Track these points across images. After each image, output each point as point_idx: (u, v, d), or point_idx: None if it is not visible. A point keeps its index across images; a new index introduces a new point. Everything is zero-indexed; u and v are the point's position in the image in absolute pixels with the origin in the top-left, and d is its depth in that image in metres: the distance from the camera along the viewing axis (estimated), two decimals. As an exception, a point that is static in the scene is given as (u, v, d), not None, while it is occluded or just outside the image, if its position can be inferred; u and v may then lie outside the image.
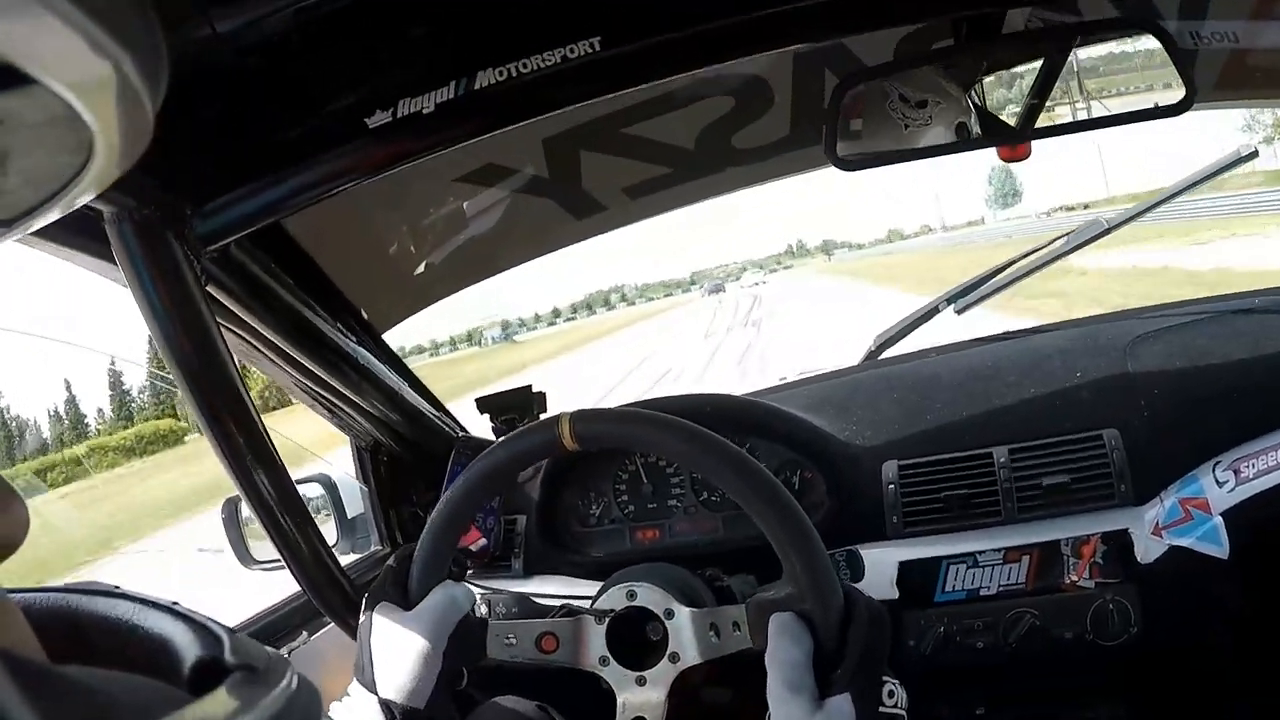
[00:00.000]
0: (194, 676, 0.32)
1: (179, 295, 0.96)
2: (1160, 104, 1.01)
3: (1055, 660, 1.27)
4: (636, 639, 0.92)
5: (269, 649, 0.34)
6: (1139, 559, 1.22)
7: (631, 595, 0.92)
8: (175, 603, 0.37)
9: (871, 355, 1.68)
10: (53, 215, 0.33)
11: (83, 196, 0.31)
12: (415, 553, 0.96)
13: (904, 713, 0.77)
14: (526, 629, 0.94)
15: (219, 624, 0.35)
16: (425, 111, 0.88)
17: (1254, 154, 1.51)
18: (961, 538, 1.27)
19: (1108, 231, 1.52)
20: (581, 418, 0.89)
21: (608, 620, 0.92)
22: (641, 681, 0.90)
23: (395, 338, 1.46)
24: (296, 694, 0.32)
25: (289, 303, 1.15)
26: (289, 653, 1.28)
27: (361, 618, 0.93)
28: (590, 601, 0.98)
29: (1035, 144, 1.02)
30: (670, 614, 0.90)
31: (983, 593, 1.26)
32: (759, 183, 1.21)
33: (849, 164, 0.98)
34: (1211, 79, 1.26)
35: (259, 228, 0.98)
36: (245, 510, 1.37)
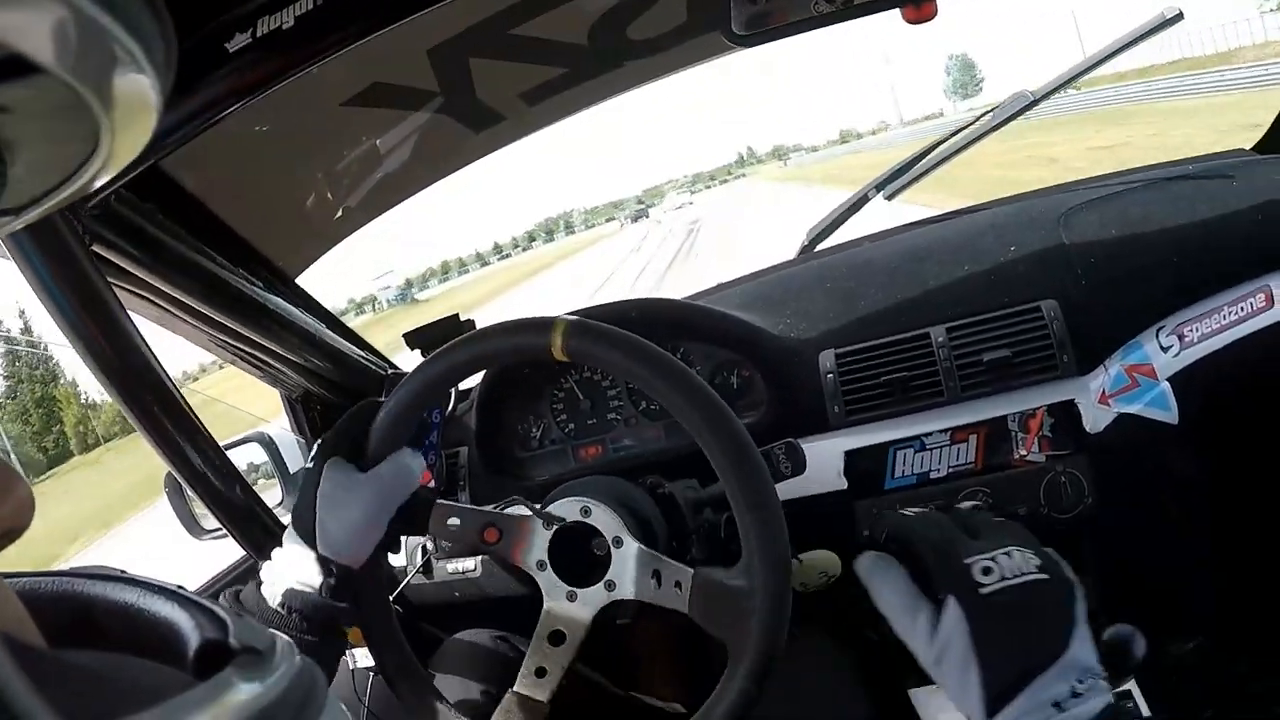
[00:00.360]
0: (199, 660, 0.33)
1: (63, 259, 0.91)
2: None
3: None
4: (577, 554, 0.90)
5: (274, 633, 0.35)
6: (1088, 429, 1.22)
7: (586, 511, 0.90)
8: (180, 587, 0.37)
9: (805, 249, 1.64)
10: (58, 203, 0.33)
11: (89, 185, 0.32)
12: (380, 413, 0.92)
13: (1019, 576, 0.67)
14: (472, 516, 0.91)
15: (223, 608, 0.35)
16: (285, 27, 0.81)
17: (1179, 16, 1.44)
18: (906, 421, 1.26)
19: (1033, 104, 1.47)
20: (579, 331, 0.84)
21: (555, 528, 0.90)
22: (572, 597, 0.89)
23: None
24: (300, 675, 0.33)
25: (187, 255, 1.09)
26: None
27: (309, 463, 0.91)
28: (542, 503, 0.95)
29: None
30: (619, 542, 0.88)
31: (933, 475, 1.25)
32: (660, 76, 1.14)
33: (746, 39, 0.93)
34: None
35: (135, 175, 0.92)
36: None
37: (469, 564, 1.35)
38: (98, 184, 0.32)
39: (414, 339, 1.38)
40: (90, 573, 0.38)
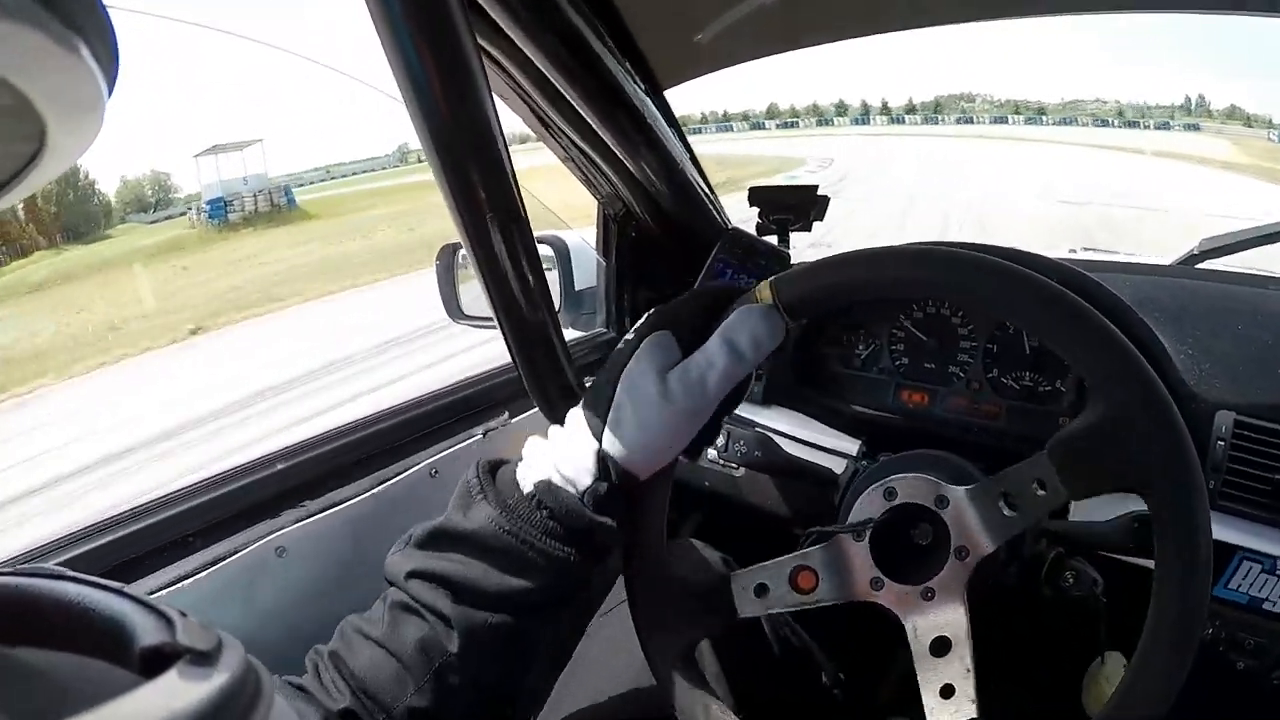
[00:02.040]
0: (145, 660, 0.34)
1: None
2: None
3: None
4: (908, 547, 0.74)
5: (219, 632, 0.35)
6: None
7: (890, 494, 0.73)
8: (124, 586, 0.38)
9: (1191, 259, 1.36)
10: (5, 204, 0.32)
11: (34, 185, 0.31)
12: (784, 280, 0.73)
13: None
14: (775, 570, 0.75)
15: (170, 608, 0.36)
16: None
17: None
18: (1272, 535, 1.01)
19: None
20: (782, 281, 0.70)
21: (869, 532, 0.73)
22: (929, 595, 0.72)
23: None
24: (244, 677, 0.33)
25: (573, 27, 0.96)
26: (485, 433, 1.22)
27: (627, 337, 0.73)
28: (836, 510, 0.82)
29: None
30: (943, 501, 0.71)
31: (1265, 606, 1.01)
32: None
33: None
34: None
35: None
36: (461, 262, 1.32)
37: (732, 466, 1.25)
38: (39, 185, 0.31)
39: (758, 196, 1.29)
40: (36, 570, 0.39)
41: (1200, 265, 1.37)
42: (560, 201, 1.40)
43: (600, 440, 0.69)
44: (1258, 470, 1.02)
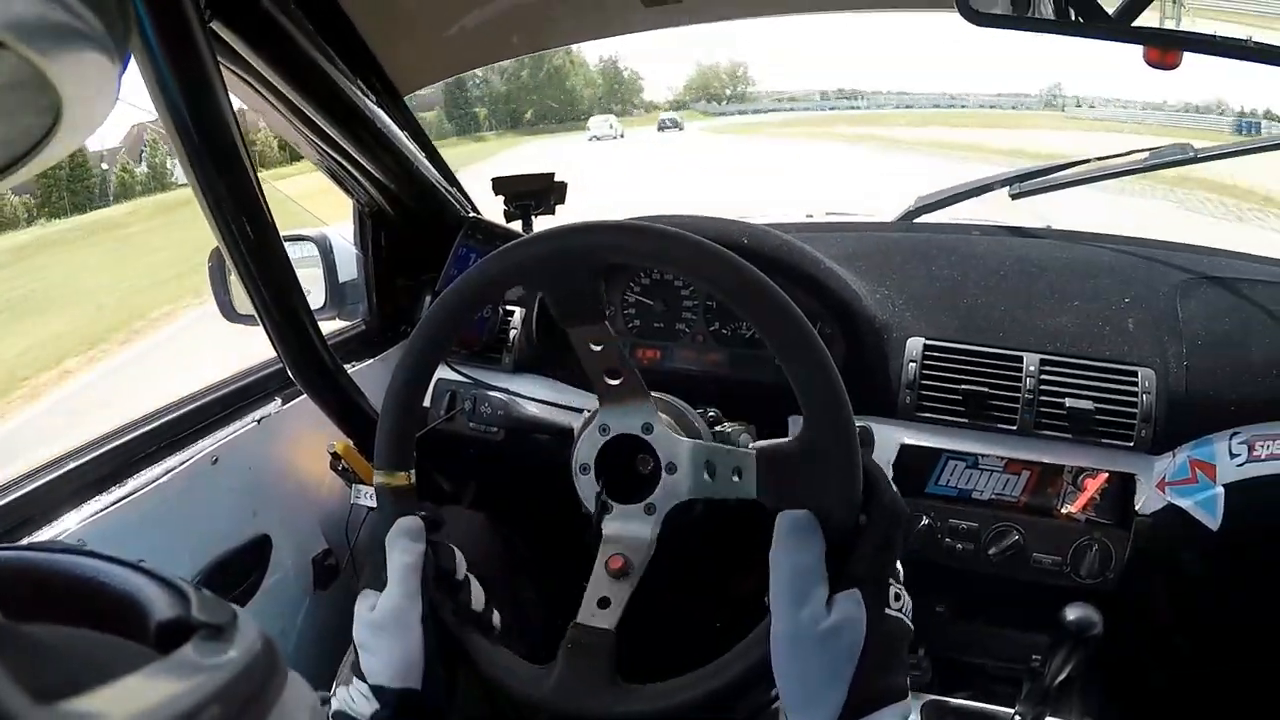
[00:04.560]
0: (160, 634, 0.33)
1: (175, 26, 0.91)
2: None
3: (1026, 584, 1.31)
4: (627, 468, 0.88)
5: (234, 606, 0.35)
6: (1137, 508, 1.26)
7: (604, 430, 0.88)
8: (141, 561, 0.38)
9: (909, 216, 1.64)
10: (17, 179, 0.33)
11: (50, 159, 0.32)
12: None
13: (909, 619, 0.74)
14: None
15: (185, 582, 0.36)
16: None
17: None
18: (968, 435, 1.29)
19: (1192, 160, 1.47)
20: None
21: (593, 468, 0.88)
22: (650, 510, 0.86)
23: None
24: (260, 652, 0.33)
25: (305, 48, 1.10)
26: (260, 420, 1.32)
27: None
28: (582, 413, 0.94)
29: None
30: (649, 428, 0.86)
31: (975, 495, 1.30)
32: (864, 8, 1.15)
33: (980, 18, 0.93)
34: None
35: None
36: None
37: (493, 428, 1.40)
38: (55, 159, 0.33)
39: (501, 185, 1.40)
40: (50, 545, 0.41)
41: (918, 220, 1.64)
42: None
43: (366, 680, 0.82)
44: (947, 383, 1.30)
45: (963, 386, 1.29)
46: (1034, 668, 1.17)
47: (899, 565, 0.75)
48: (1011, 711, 1.21)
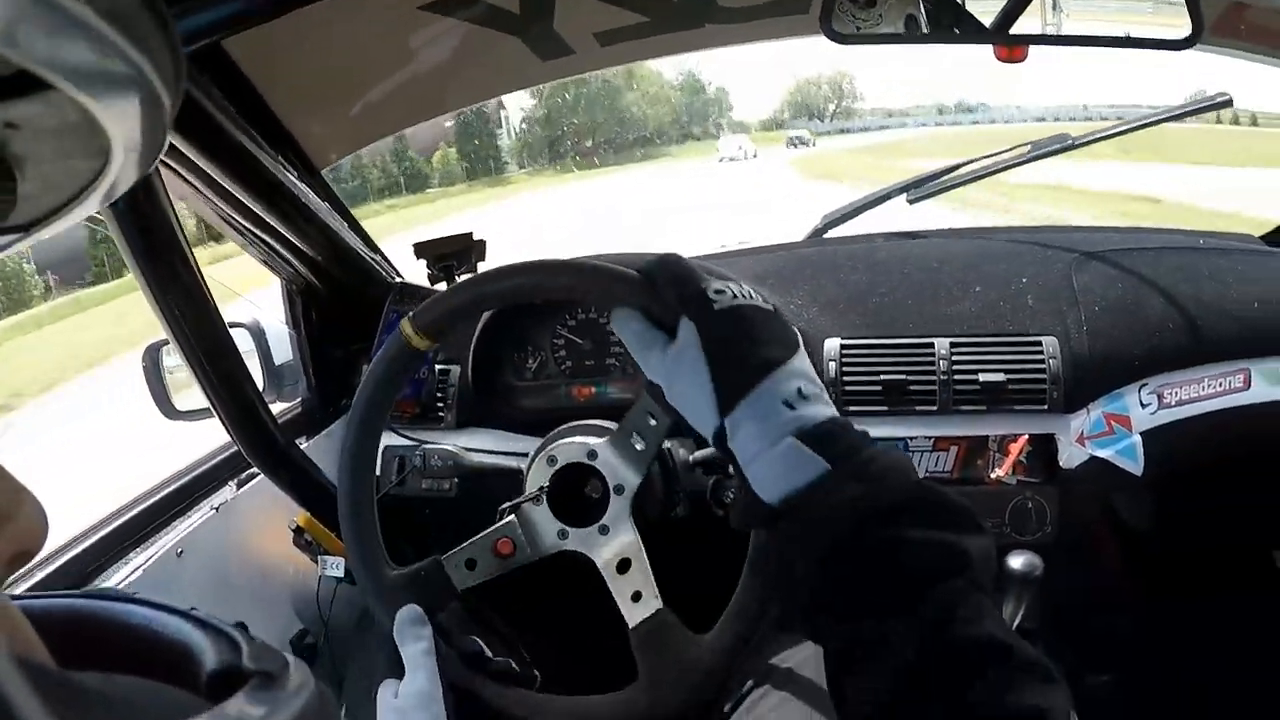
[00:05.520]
0: (212, 683, 0.34)
1: None
2: (1164, 36, 1.07)
3: None
4: (580, 500, 0.95)
5: (288, 655, 0.36)
6: (1061, 464, 1.37)
7: (552, 461, 0.96)
8: (193, 609, 0.39)
9: (817, 233, 1.77)
10: (71, 220, 0.35)
11: (102, 200, 0.34)
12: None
13: (744, 298, 0.76)
14: (479, 545, 0.95)
15: (237, 630, 0.37)
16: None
17: (1229, 101, 1.59)
18: (894, 422, 1.39)
19: (1071, 147, 1.61)
20: (417, 315, 0.87)
21: (545, 496, 0.95)
22: (605, 531, 0.93)
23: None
24: (312, 700, 0.34)
25: (227, 128, 1.15)
26: (218, 507, 1.34)
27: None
28: (545, 440, 1.01)
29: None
30: (594, 454, 0.94)
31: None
32: (737, 43, 1.25)
33: (844, 38, 1.04)
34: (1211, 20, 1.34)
35: (202, 45, 0.95)
36: (166, 358, 1.43)
37: (445, 484, 1.45)
38: (106, 201, 0.34)
39: (421, 249, 1.41)
40: (102, 593, 0.40)
41: (827, 235, 1.77)
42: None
43: None
44: (866, 377, 1.40)
45: (881, 377, 1.39)
46: None
47: (709, 282, 0.75)
48: None
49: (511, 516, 0.96)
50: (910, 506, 0.64)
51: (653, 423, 0.90)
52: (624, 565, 0.92)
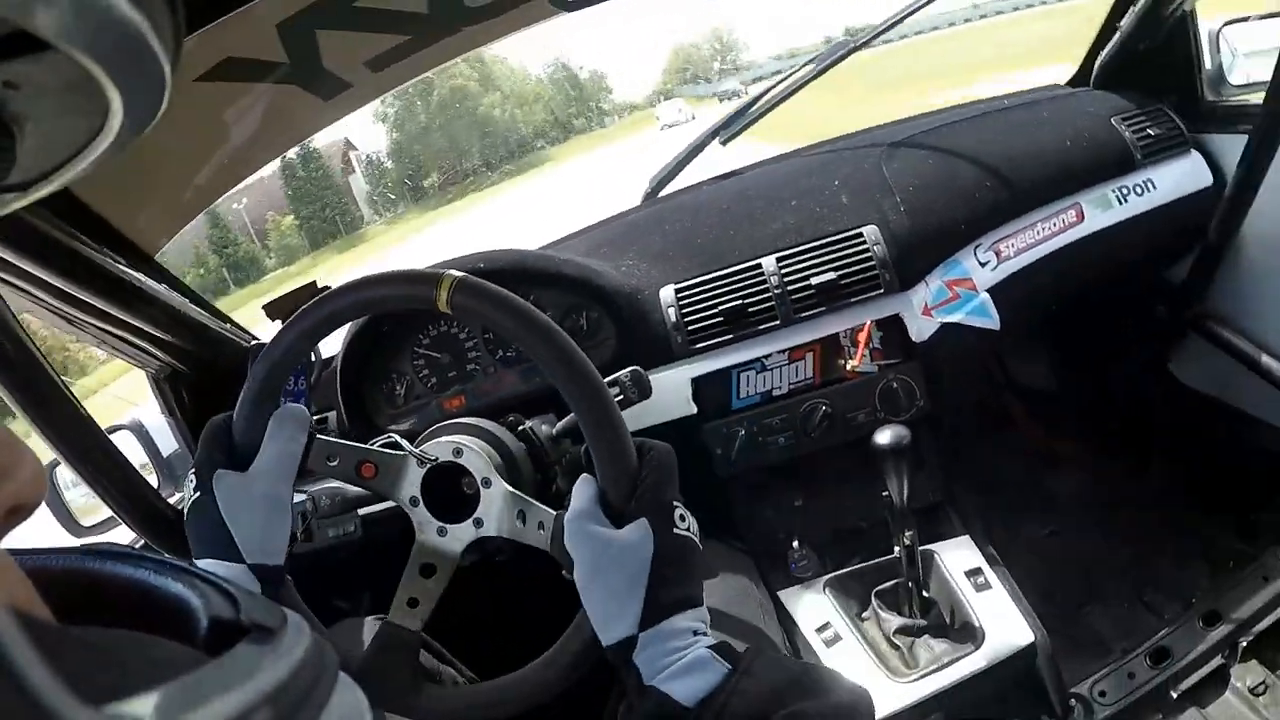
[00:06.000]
0: (210, 637, 0.35)
1: None
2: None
3: (854, 444, 1.48)
4: (448, 490, 1.00)
5: (284, 609, 0.37)
6: (914, 339, 1.46)
7: (458, 452, 0.99)
8: (191, 564, 0.40)
9: (649, 195, 1.86)
10: (68, 178, 0.36)
11: (98, 159, 0.34)
12: (247, 384, 0.97)
13: (695, 536, 0.86)
14: (349, 452, 0.99)
15: (235, 585, 0.37)
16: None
17: None
18: (746, 346, 1.48)
19: (854, 49, 1.70)
20: (465, 287, 0.91)
21: (428, 467, 0.99)
22: (443, 532, 0.98)
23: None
24: (311, 652, 0.34)
25: (57, 237, 1.19)
26: None
27: (191, 493, 0.93)
28: (415, 443, 1.03)
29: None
30: (488, 483, 0.98)
31: (775, 393, 1.48)
32: (495, 39, 1.33)
33: (570, 5, 1.14)
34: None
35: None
36: (60, 481, 1.45)
37: (349, 526, 1.47)
38: (105, 158, 0.34)
39: (273, 310, 1.43)
40: (100, 549, 0.40)
41: (659, 195, 1.86)
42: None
43: (244, 559, 0.90)
44: (705, 311, 1.49)
45: (720, 308, 1.47)
46: (886, 501, 1.32)
47: (678, 498, 0.87)
48: (895, 552, 1.36)
49: (392, 450, 1.01)
50: (797, 684, 0.76)
51: (539, 532, 0.95)
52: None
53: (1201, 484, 1.93)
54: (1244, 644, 1.61)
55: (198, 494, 0.92)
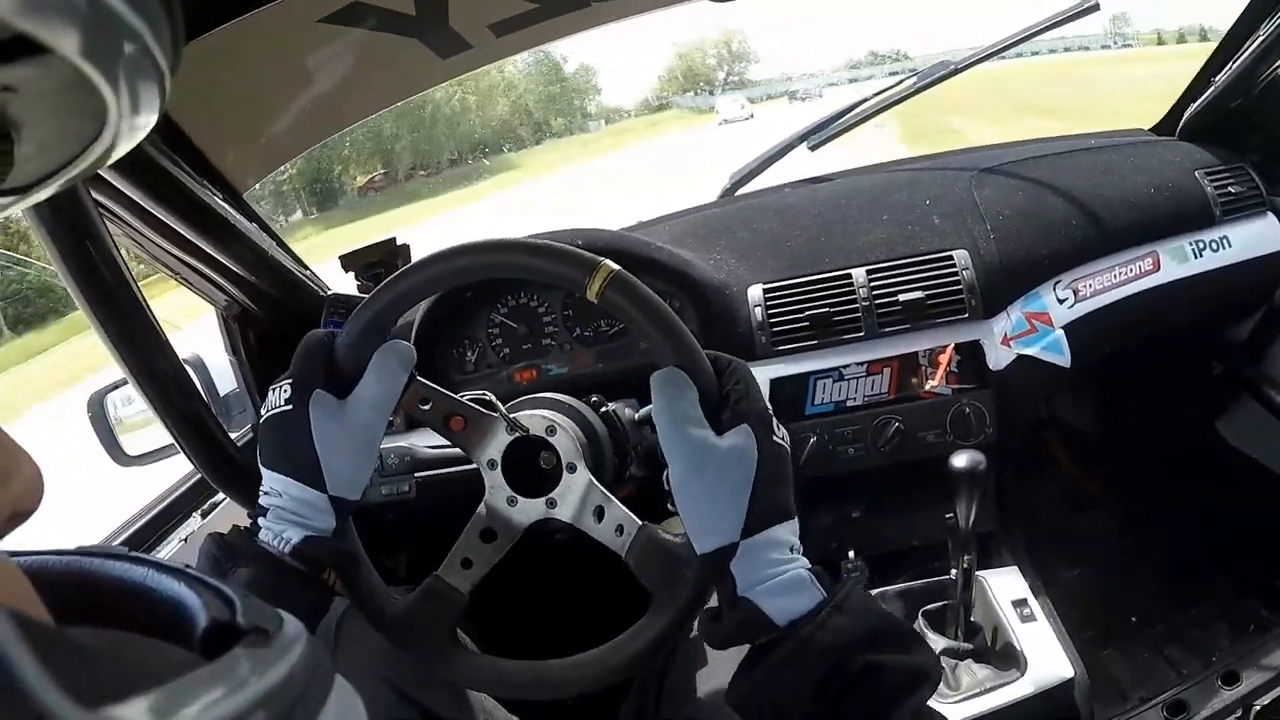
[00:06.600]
0: (207, 639, 0.35)
1: None
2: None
3: (921, 463, 1.50)
4: (526, 462, 0.97)
5: (282, 612, 0.37)
6: (991, 366, 1.48)
7: (551, 430, 0.96)
8: (188, 566, 0.39)
9: (727, 192, 1.88)
10: (66, 182, 0.35)
11: (98, 163, 0.34)
12: (360, 310, 0.93)
13: (789, 445, 0.85)
14: (444, 400, 0.97)
15: (232, 588, 0.37)
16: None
17: (1095, 6, 1.67)
18: (826, 354, 1.49)
19: (954, 72, 1.72)
20: (621, 284, 0.87)
21: (516, 435, 0.96)
22: (513, 502, 0.96)
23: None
24: (307, 656, 0.34)
25: (158, 162, 1.19)
26: (186, 539, 1.38)
27: (284, 406, 0.88)
28: (509, 410, 1.00)
29: None
30: (572, 468, 0.95)
31: (849, 403, 1.50)
32: (626, 17, 1.33)
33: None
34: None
35: None
36: (111, 407, 1.46)
37: (404, 486, 1.48)
38: (108, 161, 0.34)
39: (348, 261, 1.47)
40: (97, 550, 0.40)
41: (737, 193, 1.89)
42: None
43: (327, 490, 0.87)
44: (791, 314, 1.50)
45: (806, 313, 1.49)
46: (950, 524, 1.33)
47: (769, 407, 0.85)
48: (951, 575, 1.37)
49: (486, 409, 0.98)
50: (883, 634, 0.76)
51: (616, 536, 0.93)
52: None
53: (1232, 545, 1.95)
54: (1259, 706, 1.63)
55: (289, 406, 0.87)
